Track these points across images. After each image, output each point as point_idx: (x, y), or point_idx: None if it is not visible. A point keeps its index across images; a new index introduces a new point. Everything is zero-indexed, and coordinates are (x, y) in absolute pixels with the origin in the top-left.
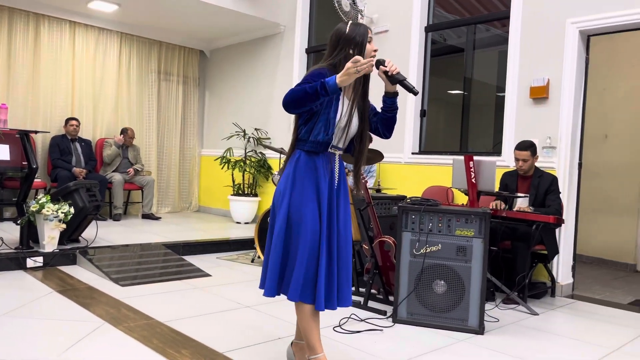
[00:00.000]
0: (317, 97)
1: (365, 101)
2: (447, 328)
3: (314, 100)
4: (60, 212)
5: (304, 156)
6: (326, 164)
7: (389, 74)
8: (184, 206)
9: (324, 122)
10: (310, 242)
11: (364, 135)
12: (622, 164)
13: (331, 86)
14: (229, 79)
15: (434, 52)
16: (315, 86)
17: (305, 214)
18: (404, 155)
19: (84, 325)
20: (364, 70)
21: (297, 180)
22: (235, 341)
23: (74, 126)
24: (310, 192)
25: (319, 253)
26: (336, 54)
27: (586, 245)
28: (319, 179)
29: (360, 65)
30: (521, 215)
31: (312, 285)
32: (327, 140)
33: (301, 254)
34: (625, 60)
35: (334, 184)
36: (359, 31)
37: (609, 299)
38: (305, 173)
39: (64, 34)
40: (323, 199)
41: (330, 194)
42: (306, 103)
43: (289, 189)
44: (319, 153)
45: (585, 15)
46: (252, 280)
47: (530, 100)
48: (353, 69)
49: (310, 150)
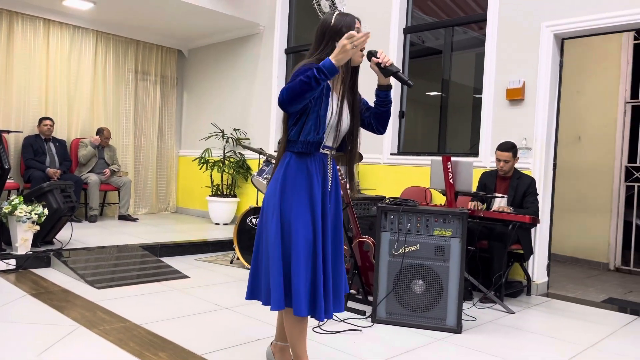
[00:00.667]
0: (318, 82)
1: (355, 95)
2: (425, 327)
3: (314, 88)
4: (34, 214)
5: (294, 159)
6: (318, 165)
7: (381, 65)
8: (161, 207)
9: (314, 120)
10: (304, 250)
11: (355, 133)
12: (595, 164)
13: (328, 67)
14: (208, 79)
15: (412, 53)
16: (310, 74)
17: (298, 221)
18: (383, 156)
19: (58, 329)
20: (360, 45)
21: (287, 185)
22: (214, 343)
23: (48, 126)
24: (303, 197)
25: (315, 261)
26: (322, 48)
27: (560, 245)
28: (312, 183)
29: (357, 39)
30: (498, 215)
31: (309, 295)
32: (319, 140)
33: (295, 264)
34: (598, 63)
35: (327, 187)
36: (346, 21)
37: (583, 297)
38: (296, 177)
39: (37, 32)
40: (316, 205)
41: (323, 199)
42: (305, 94)
43: (279, 195)
44: (310, 154)
45: (559, 19)
46: (231, 282)
47: (507, 101)
48: (349, 44)
49: (301, 151)
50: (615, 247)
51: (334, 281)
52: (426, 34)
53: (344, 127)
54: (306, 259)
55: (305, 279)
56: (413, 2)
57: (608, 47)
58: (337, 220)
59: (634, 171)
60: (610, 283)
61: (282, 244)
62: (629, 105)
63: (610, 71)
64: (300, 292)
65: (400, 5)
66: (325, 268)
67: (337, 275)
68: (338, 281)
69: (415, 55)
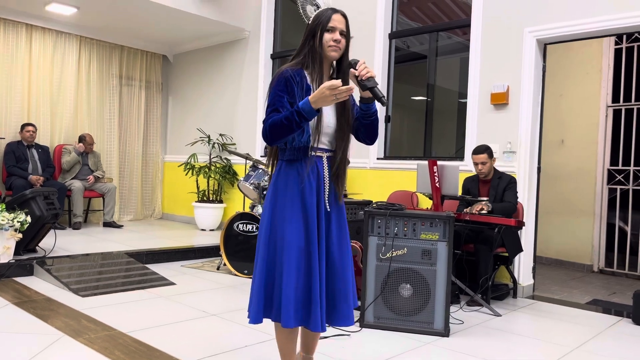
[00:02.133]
0: (298, 126)
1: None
2: (413, 331)
3: (295, 130)
4: (16, 221)
5: (284, 166)
6: (312, 170)
7: (358, 78)
8: (147, 214)
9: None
10: (297, 260)
11: (343, 132)
12: (578, 167)
13: (307, 112)
14: (193, 84)
15: (397, 58)
16: (291, 117)
17: (289, 230)
18: (370, 161)
19: (41, 338)
20: (342, 98)
21: (279, 194)
22: (201, 350)
23: (30, 132)
24: (295, 205)
25: (310, 270)
26: (301, 49)
27: (545, 247)
28: (304, 190)
29: (339, 92)
30: (484, 218)
31: (303, 304)
32: (305, 145)
33: (287, 272)
34: (580, 68)
35: (324, 191)
36: (320, 19)
37: (568, 299)
38: (287, 185)
39: (20, 37)
40: (310, 211)
41: (319, 204)
42: (287, 135)
43: (271, 205)
44: (299, 160)
45: (541, 25)
46: (218, 289)
47: (491, 106)
48: (331, 97)
49: (290, 159)
50: (598, 249)
51: (340, 290)
52: (411, 39)
53: (329, 125)
54: (298, 268)
55: (297, 288)
56: (398, 7)
57: (590, 52)
58: (341, 225)
59: (616, 174)
60: (594, 285)
61: (267, 254)
62: (610, 109)
63: (592, 75)
64: (290, 303)
65: (385, 10)
66: (321, 277)
67: (341, 284)
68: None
69: (401, 60)
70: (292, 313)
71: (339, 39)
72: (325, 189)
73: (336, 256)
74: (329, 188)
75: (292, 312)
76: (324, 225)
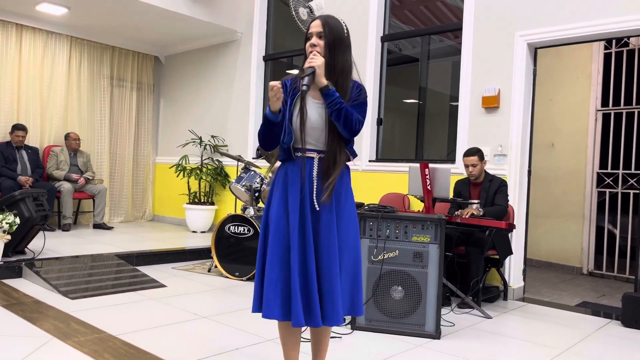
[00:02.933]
0: (267, 128)
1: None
2: (404, 334)
3: (267, 132)
4: (5, 223)
5: (280, 167)
6: (298, 170)
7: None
8: (137, 215)
9: (285, 125)
10: (278, 255)
11: (329, 131)
12: (568, 170)
13: (267, 115)
14: (185, 86)
15: (389, 61)
16: (262, 122)
17: (275, 227)
18: (362, 163)
19: (30, 341)
20: (273, 97)
21: (271, 193)
22: (192, 353)
23: (20, 137)
24: (282, 204)
25: (290, 267)
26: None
27: (535, 250)
28: (288, 189)
29: (271, 92)
30: (475, 221)
31: (286, 301)
32: (288, 146)
33: (268, 267)
34: (570, 72)
35: (308, 192)
36: (307, 28)
37: (557, 301)
38: (277, 184)
39: (10, 37)
40: (292, 211)
41: (302, 204)
42: (267, 134)
43: (267, 203)
44: (288, 160)
45: (532, 29)
46: (209, 291)
47: (483, 109)
48: (272, 98)
49: (281, 159)
50: (588, 251)
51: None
52: (403, 42)
53: (313, 127)
54: (280, 263)
55: (277, 282)
56: (390, 10)
57: (579, 57)
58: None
59: (605, 177)
60: (584, 287)
61: (261, 249)
62: (599, 113)
63: (582, 80)
64: (270, 295)
65: (377, 13)
66: (306, 276)
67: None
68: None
69: (393, 63)
70: (271, 305)
71: (314, 43)
72: (313, 189)
73: (323, 256)
74: (316, 187)
75: (271, 304)
76: (309, 224)
